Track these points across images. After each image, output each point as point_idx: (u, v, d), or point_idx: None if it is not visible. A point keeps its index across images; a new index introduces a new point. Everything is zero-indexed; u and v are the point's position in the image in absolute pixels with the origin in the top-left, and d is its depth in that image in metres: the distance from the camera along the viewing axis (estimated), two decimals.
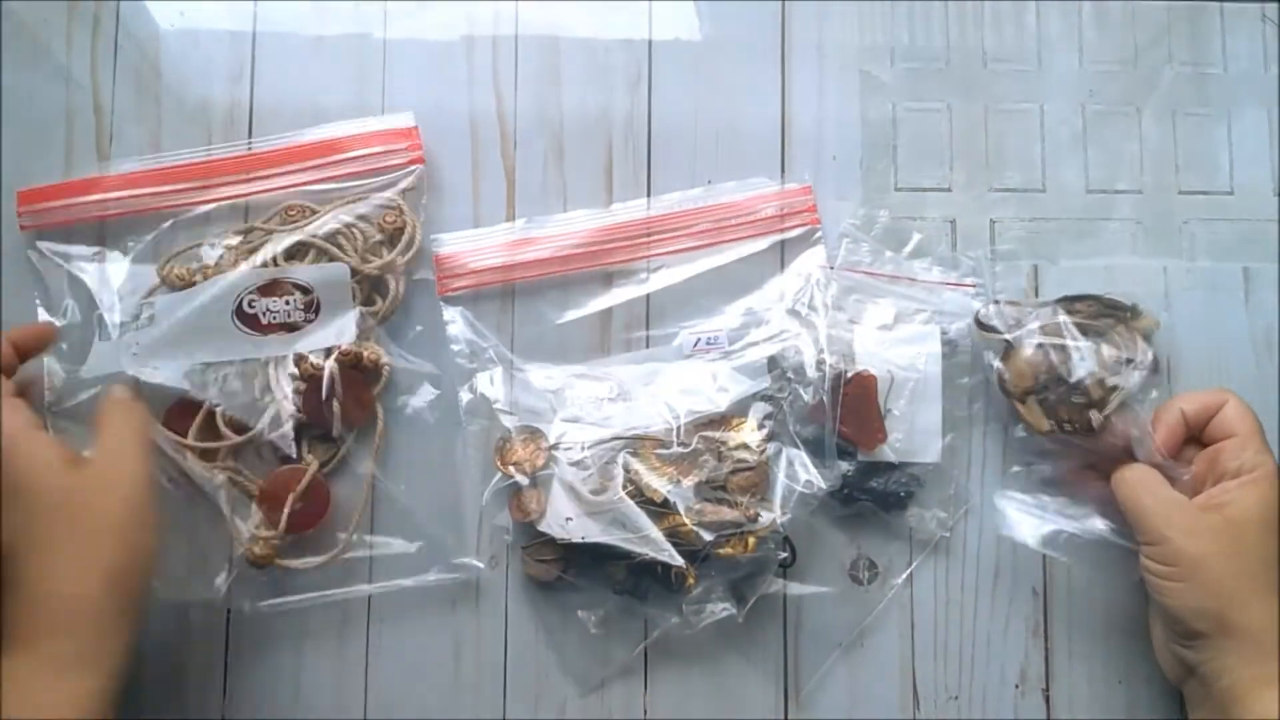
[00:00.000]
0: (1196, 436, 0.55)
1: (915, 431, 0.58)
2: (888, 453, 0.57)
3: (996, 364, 0.58)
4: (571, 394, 0.59)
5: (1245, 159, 0.63)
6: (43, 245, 0.60)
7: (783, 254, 0.62)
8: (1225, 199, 0.63)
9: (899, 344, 0.58)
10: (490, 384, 0.59)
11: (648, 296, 0.61)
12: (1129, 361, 0.57)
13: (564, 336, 0.61)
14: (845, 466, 0.57)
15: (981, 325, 0.58)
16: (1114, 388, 0.56)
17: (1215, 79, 0.64)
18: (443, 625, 0.59)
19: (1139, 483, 0.53)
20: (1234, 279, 0.62)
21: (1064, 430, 0.56)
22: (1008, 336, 0.57)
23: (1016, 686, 0.59)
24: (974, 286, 0.60)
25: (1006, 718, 0.59)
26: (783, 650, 0.59)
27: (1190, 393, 0.56)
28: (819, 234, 0.61)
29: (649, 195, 0.62)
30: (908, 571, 0.59)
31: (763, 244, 0.61)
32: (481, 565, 0.59)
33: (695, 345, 0.60)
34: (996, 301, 0.59)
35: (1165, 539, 0.51)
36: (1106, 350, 0.57)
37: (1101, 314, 0.58)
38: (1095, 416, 0.55)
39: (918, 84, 0.63)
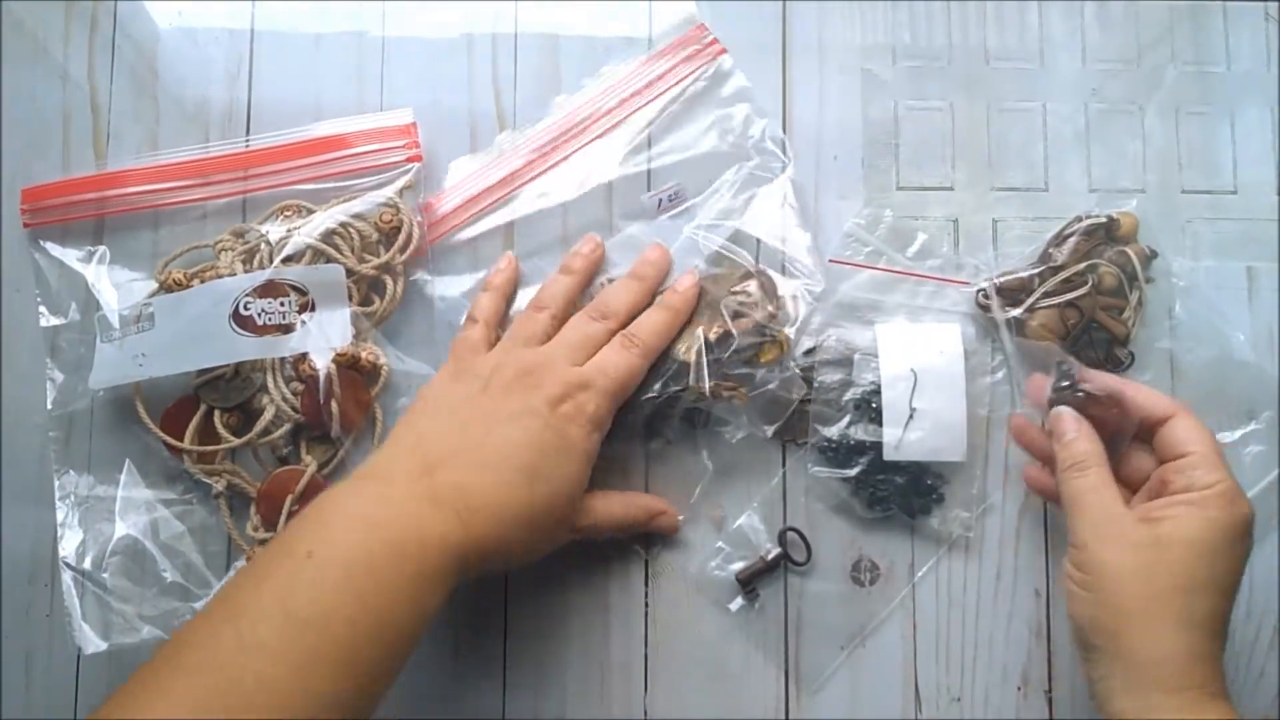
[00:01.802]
0: (1147, 439, 0.52)
1: (939, 429, 0.57)
2: (912, 452, 0.57)
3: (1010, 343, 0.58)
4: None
5: (1248, 158, 0.63)
6: (44, 244, 0.60)
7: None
8: (1228, 198, 0.63)
9: (921, 341, 0.58)
10: None
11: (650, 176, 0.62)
12: (1132, 279, 0.58)
13: (568, 233, 0.61)
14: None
15: (985, 308, 0.59)
16: (1126, 316, 0.57)
17: (1218, 78, 0.63)
18: (442, 624, 0.58)
19: (1088, 487, 0.50)
20: (1237, 278, 0.62)
21: (1108, 371, 0.57)
22: (1016, 313, 0.58)
23: (1019, 688, 0.58)
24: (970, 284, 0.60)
25: (1009, 719, 0.58)
26: (784, 651, 0.58)
27: (1143, 388, 0.53)
28: (731, 63, 0.62)
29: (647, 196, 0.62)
30: (920, 573, 0.59)
31: (686, 87, 0.62)
32: None
33: (659, 206, 0.60)
34: (989, 279, 0.59)
35: (1085, 544, 0.48)
36: (1108, 278, 0.58)
37: (1089, 247, 0.59)
38: (1122, 353, 0.57)
39: (920, 82, 0.63)
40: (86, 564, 0.57)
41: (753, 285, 0.58)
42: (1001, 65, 0.63)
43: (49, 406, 0.59)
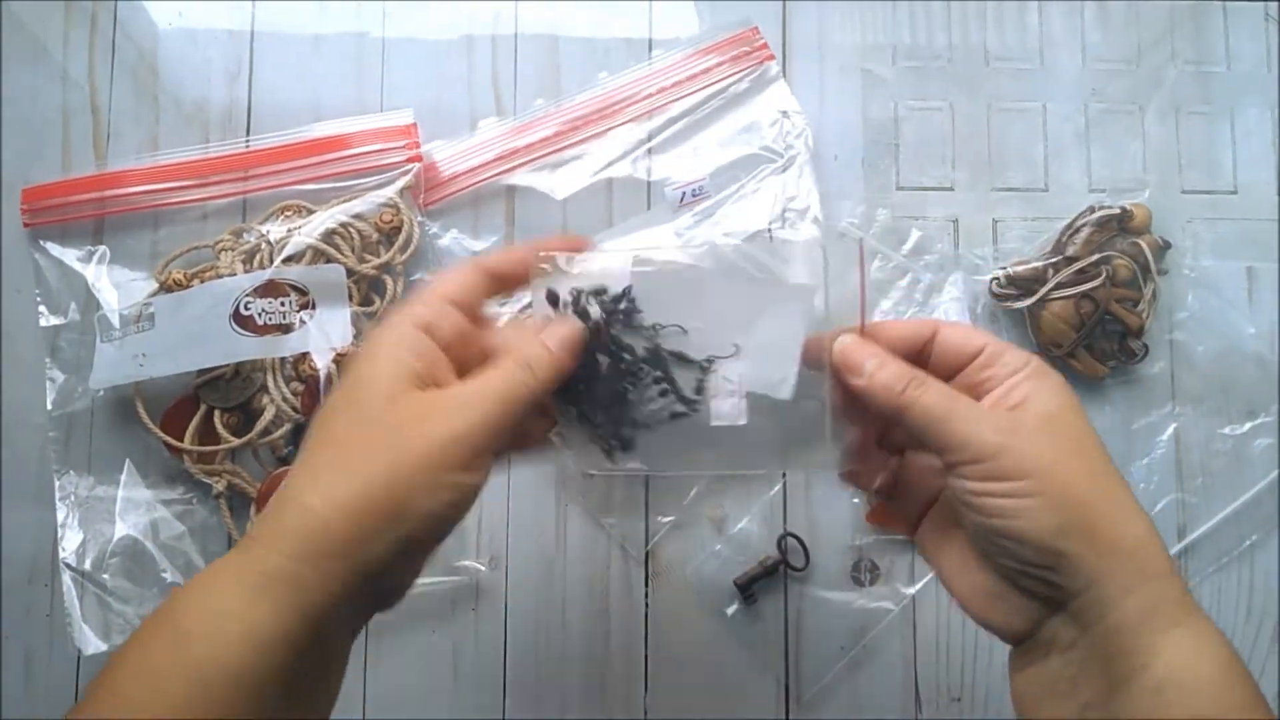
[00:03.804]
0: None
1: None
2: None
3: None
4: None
5: (1248, 158, 0.63)
6: (44, 244, 0.60)
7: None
8: (1228, 198, 0.63)
9: None
10: None
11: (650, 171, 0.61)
12: (1145, 270, 0.59)
13: (569, 214, 0.61)
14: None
15: (998, 296, 0.59)
16: (1141, 308, 0.58)
17: (1218, 78, 0.64)
18: (442, 626, 0.58)
19: (944, 393, 0.40)
20: (1237, 278, 0.62)
21: (1122, 363, 0.59)
22: (1029, 302, 0.58)
23: None
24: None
25: (1009, 719, 0.58)
26: (784, 651, 0.58)
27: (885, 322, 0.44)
28: (776, 70, 0.62)
29: (649, 204, 0.62)
30: (921, 584, 0.59)
31: (728, 85, 0.62)
32: (481, 567, 0.58)
33: (682, 200, 0.60)
34: (1004, 268, 0.59)
35: (1002, 448, 0.38)
36: (1122, 270, 0.58)
37: (1102, 239, 0.59)
38: (1136, 345, 0.58)
39: (920, 83, 0.63)
40: (87, 564, 0.57)
41: None
42: (1001, 65, 0.64)
43: (49, 407, 0.59)
